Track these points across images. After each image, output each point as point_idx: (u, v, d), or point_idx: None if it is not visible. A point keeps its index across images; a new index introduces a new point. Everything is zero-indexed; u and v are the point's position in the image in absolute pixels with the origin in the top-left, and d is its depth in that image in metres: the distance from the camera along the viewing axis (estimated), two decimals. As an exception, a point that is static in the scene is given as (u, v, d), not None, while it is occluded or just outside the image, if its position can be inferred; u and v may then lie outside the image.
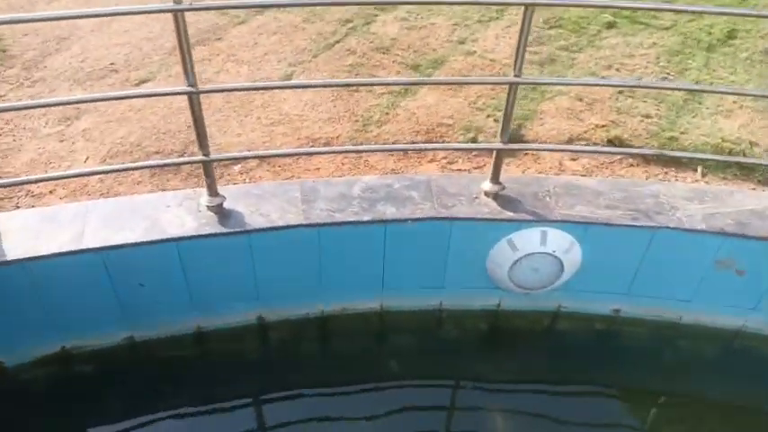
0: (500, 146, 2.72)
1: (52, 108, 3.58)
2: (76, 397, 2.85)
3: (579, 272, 2.97)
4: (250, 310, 2.98)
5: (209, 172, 2.57)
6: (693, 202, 2.93)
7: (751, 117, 3.67)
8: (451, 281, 3.05)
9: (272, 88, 3.81)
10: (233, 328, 3.01)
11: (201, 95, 2.39)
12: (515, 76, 2.51)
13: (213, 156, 2.55)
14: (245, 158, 3.20)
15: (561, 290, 3.06)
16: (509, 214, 2.81)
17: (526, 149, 3.34)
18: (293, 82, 3.86)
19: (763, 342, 3.14)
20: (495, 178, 2.85)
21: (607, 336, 3.25)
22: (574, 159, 3.42)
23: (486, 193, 2.88)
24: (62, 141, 3.41)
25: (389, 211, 2.77)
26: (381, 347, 3.24)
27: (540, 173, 3.35)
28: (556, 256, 2.85)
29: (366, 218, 2.73)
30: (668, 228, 2.78)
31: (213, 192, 2.63)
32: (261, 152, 2.89)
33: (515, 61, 2.47)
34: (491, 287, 3.05)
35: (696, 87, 3.49)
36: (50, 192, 3.11)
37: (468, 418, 3.04)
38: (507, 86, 2.59)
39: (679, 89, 3.80)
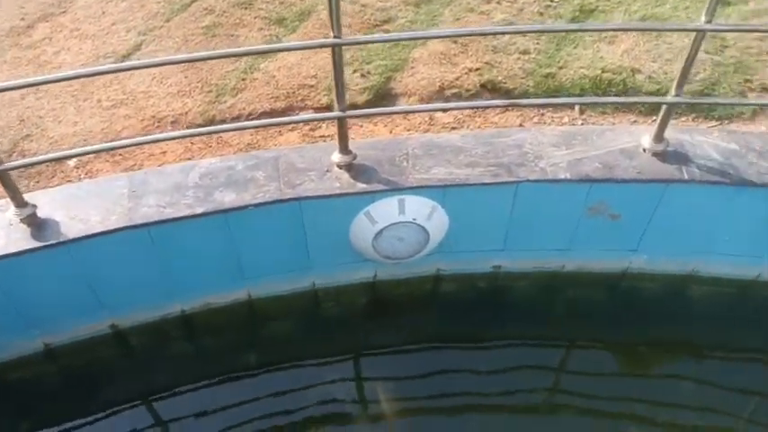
0: (339, 114, 2.46)
1: None
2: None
3: (452, 233, 2.80)
4: (98, 321, 2.76)
5: (6, 182, 2.28)
6: (561, 148, 2.73)
7: (635, 41, 3.43)
8: (318, 260, 2.85)
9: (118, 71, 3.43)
10: (82, 341, 2.80)
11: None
12: (335, 37, 2.23)
13: (6, 164, 2.25)
14: (43, 162, 2.84)
15: (437, 253, 2.90)
16: (362, 186, 2.59)
17: (363, 115, 3.03)
18: (148, 61, 3.48)
19: (649, 281, 3.05)
20: (344, 148, 2.61)
21: (493, 292, 3.13)
22: (444, 111, 3.19)
23: (338, 165, 2.64)
24: None
25: (228, 199, 2.52)
26: (258, 337, 3.07)
27: (408, 130, 3.12)
28: (418, 224, 2.66)
29: (201, 210, 2.48)
30: (529, 181, 2.60)
31: (19, 202, 2.35)
32: (59, 153, 2.50)
33: (331, 21, 2.18)
34: (363, 260, 2.88)
35: (573, 27, 3.20)
36: None
37: (356, 391, 2.93)
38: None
39: (550, 30, 3.53)
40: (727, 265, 2.96)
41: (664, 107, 2.53)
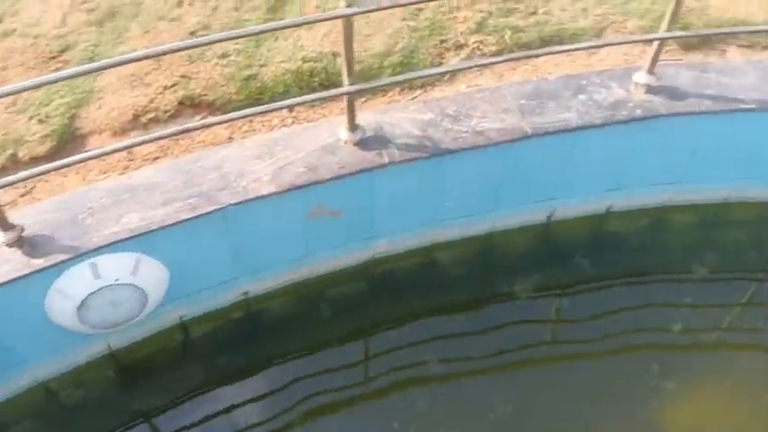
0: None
1: None
2: None
3: (183, 274, 2.55)
4: None
5: None
6: (263, 159, 2.57)
7: (333, 23, 3.33)
8: (30, 354, 2.47)
9: None
10: None
11: None
12: None
13: None
14: None
15: (172, 301, 2.63)
16: (39, 261, 2.22)
17: (22, 180, 2.38)
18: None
19: (398, 260, 3.05)
20: (4, 223, 2.22)
21: (247, 320, 2.94)
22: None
23: (6, 245, 2.25)
24: None
25: None
26: None
27: (105, 172, 2.76)
28: (124, 284, 2.37)
29: None
30: (232, 205, 2.41)
31: None
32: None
33: None
34: (85, 336, 2.52)
35: (268, 27, 2.97)
36: None
37: None
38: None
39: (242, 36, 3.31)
40: (456, 228, 3.03)
41: (346, 98, 2.45)
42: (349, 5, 2.08)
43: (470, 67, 3.13)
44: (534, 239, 3.16)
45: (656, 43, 2.63)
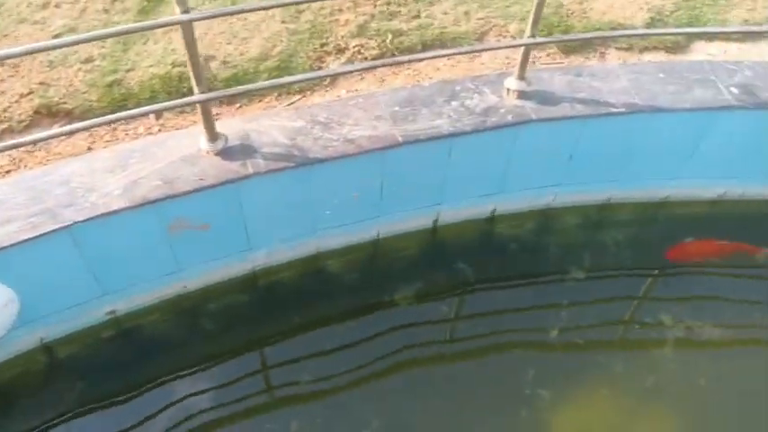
0: None
1: None
2: None
3: (37, 295, 2.38)
4: None
5: None
6: (116, 172, 2.41)
7: (209, 25, 3.19)
8: None
9: None
10: None
11: None
12: None
13: None
14: None
15: (27, 324, 2.46)
16: None
17: None
18: None
19: (282, 271, 2.96)
20: None
21: (113, 339, 2.80)
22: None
23: None
24: None
25: None
26: None
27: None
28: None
29: None
30: (78, 222, 2.26)
31: None
32: None
33: None
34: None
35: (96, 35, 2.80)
36: None
37: None
38: None
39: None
40: (339, 237, 2.97)
41: (199, 107, 2.33)
42: (185, 11, 1.96)
43: (344, 73, 3.05)
44: (419, 245, 3.13)
45: (522, 49, 2.63)
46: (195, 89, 2.23)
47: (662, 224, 3.35)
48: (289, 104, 2.96)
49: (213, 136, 2.43)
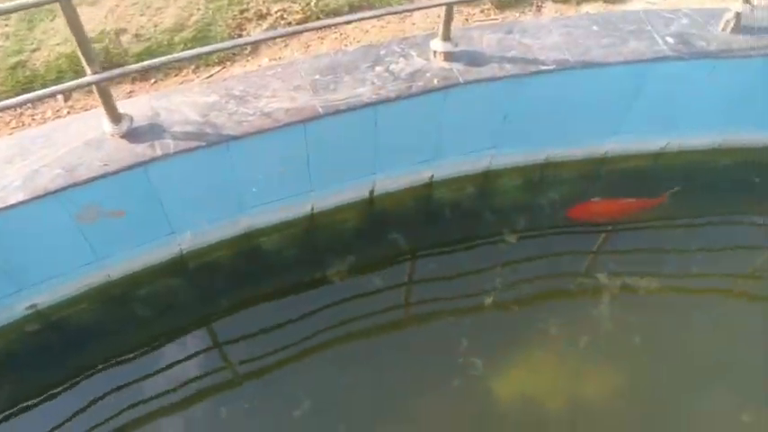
0: None
1: None
2: None
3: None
4: None
5: None
6: (15, 161, 2.27)
7: (121, -5, 3.02)
8: None
9: None
10: None
11: None
12: None
13: None
14: None
15: None
16: None
17: None
18: None
19: (206, 255, 2.87)
20: None
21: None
22: None
23: None
24: None
25: None
26: None
27: None
28: None
29: None
30: (-29, 220, 2.14)
31: None
32: None
33: None
34: None
35: None
36: None
37: None
38: None
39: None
40: (270, 213, 2.86)
41: (95, 88, 2.18)
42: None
43: (264, 40, 2.89)
44: (357, 216, 3.05)
45: (444, 8, 2.49)
46: (87, 69, 2.07)
47: (602, 180, 3.28)
48: (208, 77, 2.81)
49: (116, 117, 2.29)
